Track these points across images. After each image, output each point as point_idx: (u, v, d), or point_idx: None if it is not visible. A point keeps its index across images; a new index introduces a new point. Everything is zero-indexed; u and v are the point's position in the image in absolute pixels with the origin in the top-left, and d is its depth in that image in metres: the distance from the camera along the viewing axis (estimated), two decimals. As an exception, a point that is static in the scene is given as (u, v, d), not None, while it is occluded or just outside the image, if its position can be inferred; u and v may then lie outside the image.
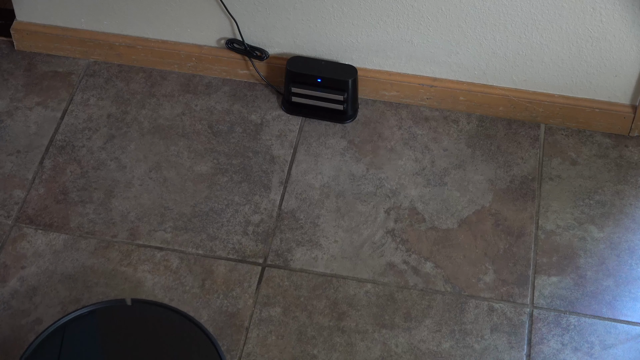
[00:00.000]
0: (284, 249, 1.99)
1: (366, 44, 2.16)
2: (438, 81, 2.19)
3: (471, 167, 2.12)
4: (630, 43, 2.04)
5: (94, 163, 2.12)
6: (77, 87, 2.26)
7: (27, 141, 2.16)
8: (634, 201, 2.07)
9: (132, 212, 2.04)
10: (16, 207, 2.05)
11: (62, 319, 1.66)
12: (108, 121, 2.20)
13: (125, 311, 1.69)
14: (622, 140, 2.17)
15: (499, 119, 2.21)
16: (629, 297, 1.93)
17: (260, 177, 2.10)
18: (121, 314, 1.68)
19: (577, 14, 2.01)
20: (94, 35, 2.28)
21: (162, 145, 2.16)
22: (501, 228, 2.02)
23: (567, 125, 2.19)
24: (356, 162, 2.13)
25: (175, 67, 2.29)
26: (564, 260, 1.98)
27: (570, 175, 2.11)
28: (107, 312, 1.68)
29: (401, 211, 2.05)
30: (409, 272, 1.96)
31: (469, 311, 1.90)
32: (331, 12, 2.12)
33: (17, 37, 2.31)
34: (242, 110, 2.22)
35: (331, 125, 2.20)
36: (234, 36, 2.23)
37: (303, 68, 2.17)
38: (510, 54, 2.11)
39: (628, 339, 1.87)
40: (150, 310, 1.69)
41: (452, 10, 2.06)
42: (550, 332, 1.88)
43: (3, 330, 1.86)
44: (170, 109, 2.22)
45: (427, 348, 1.86)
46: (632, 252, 1.99)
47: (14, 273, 1.95)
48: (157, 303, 1.70)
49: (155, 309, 1.69)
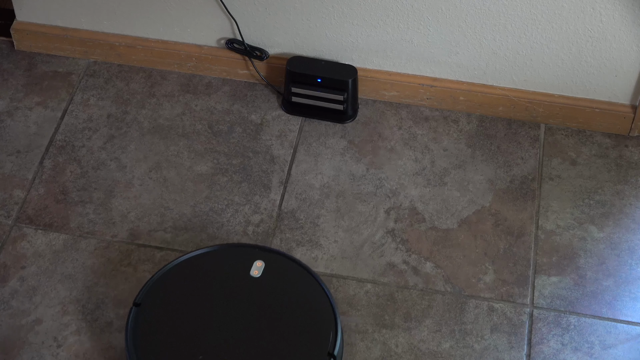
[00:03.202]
0: (284, 249, 1.99)
1: (366, 44, 2.16)
2: (438, 81, 2.19)
3: (471, 167, 2.12)
4: (630, 43, 2.04)
5: (94, 163, 2.12)
6: (77, 87, 2.26)
7: (27, 141, 2.16)
8: (634, 201, 2.07)
9: (132, 212, 2.05)
10: (16, 207, 2.05)
11: (178, 259, 1.83)
12: (108, 121, 2.20)
13: (239, 254, 1.84)
14: (622, 140, 2.17)
15: (499, 119, 2.21)
16: (629, 297, 1.93)
17: (260, 177, 2.10)
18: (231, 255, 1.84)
19: (577, 14, 2.01)
20: (94, 35, 2.28)
21: (162, 145, 2.16)
22: (501, 228, 2.02)
23: (567, 125, 2.19)
24: (356, 162, 2.13)
25: (175, 67, 2.29)
26: (564, 260, 1.98)
27: (570, 175, 2.11)
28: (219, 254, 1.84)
29: (401, 211, 2.05)
30: (409, 272, 1.96)
31: (469, 311, 1.90)
32: (331, 12, 2.12)
33: (17, 37, 2.31)
34: (242, 110, 2.22)
35: (331, 125, 2.20)
36: (234, 36, 2.23)
37: (303, 68, 2.17)
38: (510, 54, 2.11)
39: (628, 339, 1.87)
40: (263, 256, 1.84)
41: (452, 10, 2.06)
42: (550, 332, 1.88)
43: (3, 330, 1.86)
44: (170, 109, 2.22)
45: (427, 348, 1.86)
46: (632, 252, 1.99)
47: (14, 273, 1.95)
48: (272, 249, 1.85)
49: (269, 256, 1.84)
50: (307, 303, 1.78)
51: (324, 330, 1.74)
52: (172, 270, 1.81)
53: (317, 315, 1.77)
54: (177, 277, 1.81)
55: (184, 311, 1.76)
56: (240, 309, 1.77)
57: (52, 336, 1.86)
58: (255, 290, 1.79)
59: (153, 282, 1.79)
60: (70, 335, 1.86)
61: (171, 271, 1.81)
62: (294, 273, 1.82)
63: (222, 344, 1.72)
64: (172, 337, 1.73)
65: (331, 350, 1.72)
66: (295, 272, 1.83)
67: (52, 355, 1.83)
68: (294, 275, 1.82)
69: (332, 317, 1.76)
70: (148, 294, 1.78)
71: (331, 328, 1.75)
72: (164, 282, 1.80)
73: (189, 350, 1.71)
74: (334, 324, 1.75)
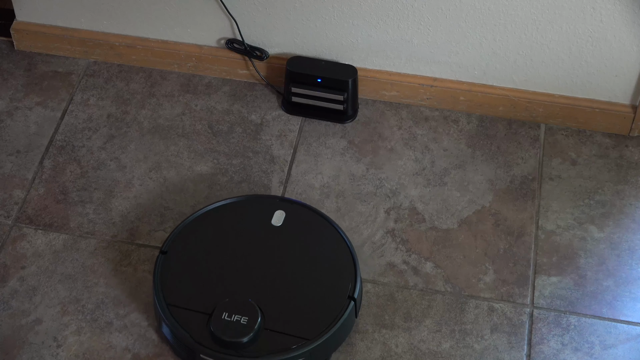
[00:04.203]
0: (284, 249, 1.99)
1: (366, 44, 2.16)
2: (438, 81, 2.19)
3: (471, 167, 2.12)
4: (630, 43, 2.04)
5: (94, 163, 2.12)
6: (77, 87, 2.26)
7: (27, 141, 2.16)
8: (634, 201, 2.07)
9: (132, 212, 2.04)
10: (16, 207, 2.05)
11: (202, 209, 1.92)
12: (108, 121, 2.20)
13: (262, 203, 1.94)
14: (622, 140, 2.17)
15: (499, 119, 2.21)
16: (629, 297, 1.93)
17: (260, 177, 2.10)
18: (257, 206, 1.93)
19: (577, 14, 2.01)
20: (94, 35, 2.28)
21: (162, 145, 2.16)
22: (501, 228, 2.02)
23: (567, 125, 2.19)
24: (356, 162, 2.13)
25: (175, 67, 2.29)
26: (564, 260, 1.97)
27: (570, 175, 2.11)
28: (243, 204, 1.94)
29: (401, 211, 2.05)
30: (409, 272, 1.96)
31: (469, 311, 1.90)
32: (331, 12, 2.12)
33: (17, 37, 2.31)
34: (242, 110, 2.22)
35: (331, 125, 2.20)
36: (234, 36, 2.23)
37: (303, 68, 2.17)
38: (510, 54, 2.11)
39: (628, 339, 1.87)
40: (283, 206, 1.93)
41: (452, 10, 2.06)
42: (550, 332, 1.88)
43: (3, 330, 1.86)
44: (170, 109, 2.22)
45: (427, 348, 1.85)
46: (632, 252, 1.99)
47: (14, 273, 1.95)
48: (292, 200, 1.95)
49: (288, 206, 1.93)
50: (327, 250, 1.87)
51: (344, 275, 1.84)
52: (196, 220, 1.91)
53: (337, 261, 1.86)
54: (200, 226, 1.90)
55: (208, 257, 1.86)
56: (262, 255, 1.86)
57: (52, 336, 1.86)
58: (277, 238, 1.88)
59: (178, 231, 1.89)
60: (70, 335, 1.86)
61: (195, 221, 1.90)
62: (314, 222, 1.91)
63: (246, 287, 1.81)
64: (198, 282, 1.82)
65: (351, 294, 1.81)
66: (315, 221, 1.91)
67: (52, 355, 1.83)
68: (314, 224, 1.91)
69: (351, 263, 1.85)
70: (174, 242, 1.88)
71: (351, 273, 1.84)
72: (188, 231, 1.89)
73: (215, 293, 1.80)
74: (354, 270, 1.84)
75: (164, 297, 1.80)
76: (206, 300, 1.79)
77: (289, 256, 1.86)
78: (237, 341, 1.74)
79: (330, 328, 1.77)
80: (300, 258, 1.86)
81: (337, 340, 1.80)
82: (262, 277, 1.83)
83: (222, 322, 1.75)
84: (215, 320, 1.75)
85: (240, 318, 1.75)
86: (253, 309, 1.76)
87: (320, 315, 1.78)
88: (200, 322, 1.77)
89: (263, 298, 1.79)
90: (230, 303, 1.77)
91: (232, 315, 1.76)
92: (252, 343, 1.75)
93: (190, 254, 1.86)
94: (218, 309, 1.77)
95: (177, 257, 1.86)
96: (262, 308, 1.78)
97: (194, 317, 1.78)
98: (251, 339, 1.74)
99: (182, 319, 1.78)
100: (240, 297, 1.79)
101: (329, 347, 1.79)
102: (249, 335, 1.74)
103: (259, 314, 1.76)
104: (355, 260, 1.85)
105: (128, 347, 1.85)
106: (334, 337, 1.78)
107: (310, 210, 1.93)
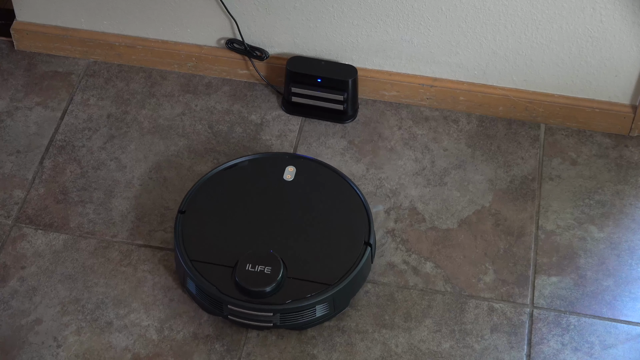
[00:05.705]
0: (284, 249, 1.99)
1: (366, 44, 2.16)
2: (438, 81, 2.19)
3: (471, 167, 2.12)
4: (630, 43, 2.04)
5: (94, 163, 2.12)
6: (77, 87, 2.26)
7: (27, 141, 2.16)
8: (634, 201, 2.07)
9: (132, 212, 2.04)
10: (16, 207, 2.05)
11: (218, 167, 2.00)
12: (108, 121, 2.20)
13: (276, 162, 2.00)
14: (622, 140, 2.17)
15: (499, 119, 2.21)
16: (629, 297, 1.93)
17: (260, 177, 2.10)
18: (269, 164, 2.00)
19: (577, 14, 2.01)
20: (94, 35, 2.28)
21: (162, 145, 2.16)
22: (501, 228, 2.02)
23: (567, 125, 2.19)
24: (356, 162, 2.13)
25: (175, 67, 2.29)
26: (564, 260, 1.98)
27: (570, 175, 2.11)
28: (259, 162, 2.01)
29: (401, 211, 2.05)
30: (409, 272, 1.96)
31: (469, 311, 1.90)
32: (331, 12, 2.12)
33: (17, 37, 2.31)
34: (242, 110, 2.22)
35: (331, 125, 2.20)
36: (234, 36, 2.23)
37: (303, 68, 2.17)
38: (510, 54, 2.11)
39: (628, 339, 1.87)
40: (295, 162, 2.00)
41: (452, 10, 2.06)
42: (550, 332, 1.88)
43: (3, 330, 1.86)
44: (170, 109, 2.22)
45: (427, 348, 1.85)
46: (632, 252, 1.99)
47: (14, 273, 1.95)
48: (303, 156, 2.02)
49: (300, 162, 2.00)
50: (339, 200, 1.95)
51: (358, 223, 1.92)
52: (209, 180, 1.97)
53: (350, 210, 1.94)
54: (214, 185, 1.97)
55: (225, 214, 1.93)
56: (278, 209, 1.93)
57: (52, 336, 1.86)
58: (290, 192, 1.96)
59: (194, 192, 1.96)
60: (70, 335, 1.86)
61: (208, 181, 1.97)
62: (324, 175, 1.99)
63: (266, 239, 1.89)
64: (218, 237, 1.89)
65: (366, 239, 1.89)
66: (324, 174, 1.99)
67: (52, 355, 1.83)
68: (324, 177, 1.99)
69: (364, 211, 1.93)
70: (191, 201, 1.94)
71: (364, 220, 1.92)
72: (203, 191, 1.96)
73: (236, 246, 1.87)
74: (367, 217, 1.92)
75: (187, 253, 1.87)
76: (228, 254, 1.86)
77: (303, 208, 1.93)
78: (262, 290, 1.81)
79: (350, 273, 1.85)
80: (315, 209, 1.93)
81: (356, 285, 1.89)
82: (280, 229, 1.90)
83: (247, 273, 1.82)
84: (239, 272, 1.83)
85: (264, 268, 1.83)
86: (275, 259, 1.84)
87: (340, 262, 1.87)
88: (224, 275, 1.84)
89: (283, 249, 1.87)
90: (252, 255, 1.85)
91: (255, 266, 1.83)
92: (276, 291, 1.83)
93: (207, 212, 1.93)
94: (241, 261, 1.84)
95: (195, 216, 1.93)
96: (283, 258, 1.85)
97: (217, 271, 1.85)
98: (275, 287, 1.82)
99: (207, 273, 1.85)
100: (261, 249, 1.86)
101: (349, 291, 1.87)
102: (273, 284, 1.82)
103: (281, 264, 1.83)
104: (367, 207, 1.94)
105: (128, 347, 1.85)
106: (354, 281, 1.87)
107: (319, 164, 2.00)
